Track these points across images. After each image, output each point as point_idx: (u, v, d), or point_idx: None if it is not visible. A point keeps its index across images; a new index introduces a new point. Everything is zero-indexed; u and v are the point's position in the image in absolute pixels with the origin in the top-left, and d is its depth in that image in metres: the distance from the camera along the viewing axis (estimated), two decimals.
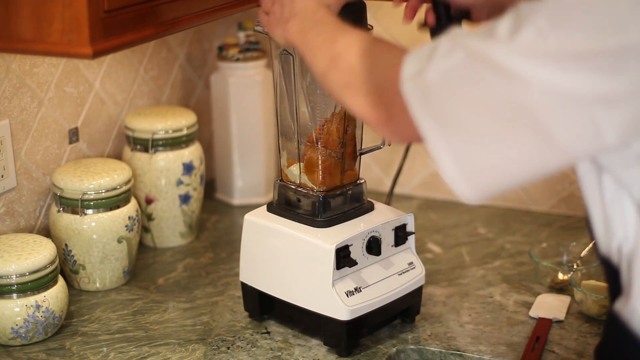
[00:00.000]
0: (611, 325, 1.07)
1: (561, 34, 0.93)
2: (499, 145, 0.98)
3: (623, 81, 0.92)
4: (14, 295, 1.46)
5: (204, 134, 2.13)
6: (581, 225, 1.91)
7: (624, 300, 1.04)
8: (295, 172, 1.51)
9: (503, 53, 0.95)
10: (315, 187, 1.50)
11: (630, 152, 0.98)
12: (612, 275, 1.07)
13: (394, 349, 1.49)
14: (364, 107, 1.12)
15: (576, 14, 0.93)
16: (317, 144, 1.49)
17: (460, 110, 0.98)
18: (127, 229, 1.67)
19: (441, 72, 1.00)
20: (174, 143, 1.83)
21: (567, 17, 0.93)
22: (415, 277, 1.54)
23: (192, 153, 1.86)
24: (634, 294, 1.02)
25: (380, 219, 1.51)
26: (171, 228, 1.86)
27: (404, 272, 1.52)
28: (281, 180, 1.54)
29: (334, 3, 1.33)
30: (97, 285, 1.68)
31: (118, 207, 1.66)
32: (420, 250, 1.81)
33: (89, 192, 1.63)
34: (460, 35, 1.02)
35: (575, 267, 1.68)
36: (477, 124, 0.98)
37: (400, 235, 1.52)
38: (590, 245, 1.67)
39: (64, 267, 1.66)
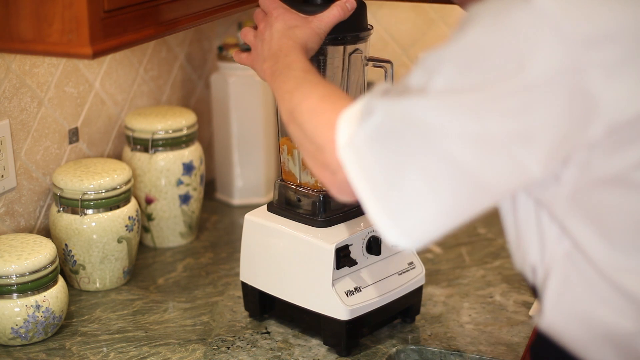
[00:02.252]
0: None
1: (467, 81, 0.94)
2: (430, 199, 0.98)
3: (533, 118, 0.93)
4: (14, 295, 1.46)
5: (204, 134, 2.13)
6: None
7: (540, 312, 1.06)
8: (296, 156, 1.50)
9: (418, 109, 0.97)
10: (316, 186, 1.50)
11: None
12: (529, 285, 1.10)
13: (394, 349, 1.49)
14: (314, 167, 1.14)
15: (477, 59, 0.94)
16: None
17: (390, 171, 0.99)
18: (127, 229, 1.67)
19: (367, 137, 1.01)
20: (174, 143, 1.83)
21: (469, 64, 0.94)
22: (415, 277, 1.54)
23: (192, 153, 1.86)
24: (547, 310, 1.05)
25: None
26: (171, 228, 1.86)
27: (403, 272, 1.53)
28: (281, 180, 1.54)
29: (314, 41, 1.32)
30: (97, 285, 1.68)
31: (118, 207, 1.66)
32: (420, 250, 1.81)
33: (89, 192, 1.63)
34: (377, 95, 1.03)
35: None
36: (407, 183, 0.98)
37: None
38: None
39: (64, 267, 1.66)
